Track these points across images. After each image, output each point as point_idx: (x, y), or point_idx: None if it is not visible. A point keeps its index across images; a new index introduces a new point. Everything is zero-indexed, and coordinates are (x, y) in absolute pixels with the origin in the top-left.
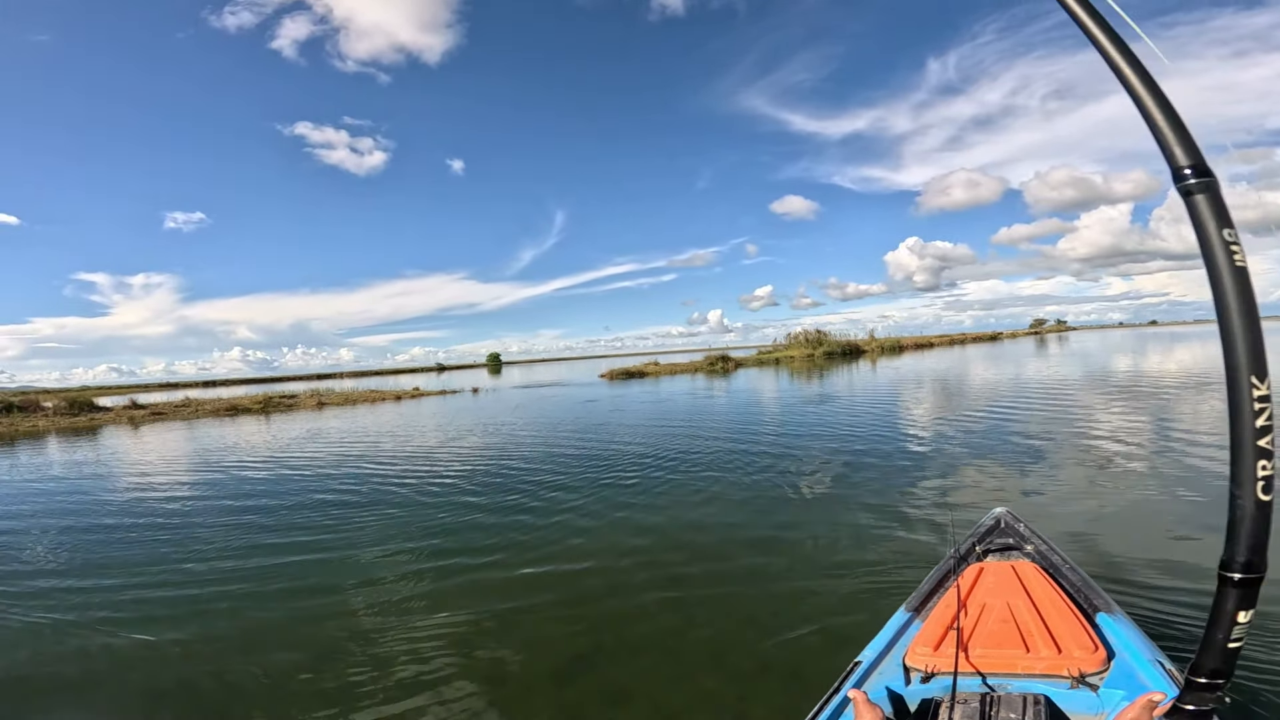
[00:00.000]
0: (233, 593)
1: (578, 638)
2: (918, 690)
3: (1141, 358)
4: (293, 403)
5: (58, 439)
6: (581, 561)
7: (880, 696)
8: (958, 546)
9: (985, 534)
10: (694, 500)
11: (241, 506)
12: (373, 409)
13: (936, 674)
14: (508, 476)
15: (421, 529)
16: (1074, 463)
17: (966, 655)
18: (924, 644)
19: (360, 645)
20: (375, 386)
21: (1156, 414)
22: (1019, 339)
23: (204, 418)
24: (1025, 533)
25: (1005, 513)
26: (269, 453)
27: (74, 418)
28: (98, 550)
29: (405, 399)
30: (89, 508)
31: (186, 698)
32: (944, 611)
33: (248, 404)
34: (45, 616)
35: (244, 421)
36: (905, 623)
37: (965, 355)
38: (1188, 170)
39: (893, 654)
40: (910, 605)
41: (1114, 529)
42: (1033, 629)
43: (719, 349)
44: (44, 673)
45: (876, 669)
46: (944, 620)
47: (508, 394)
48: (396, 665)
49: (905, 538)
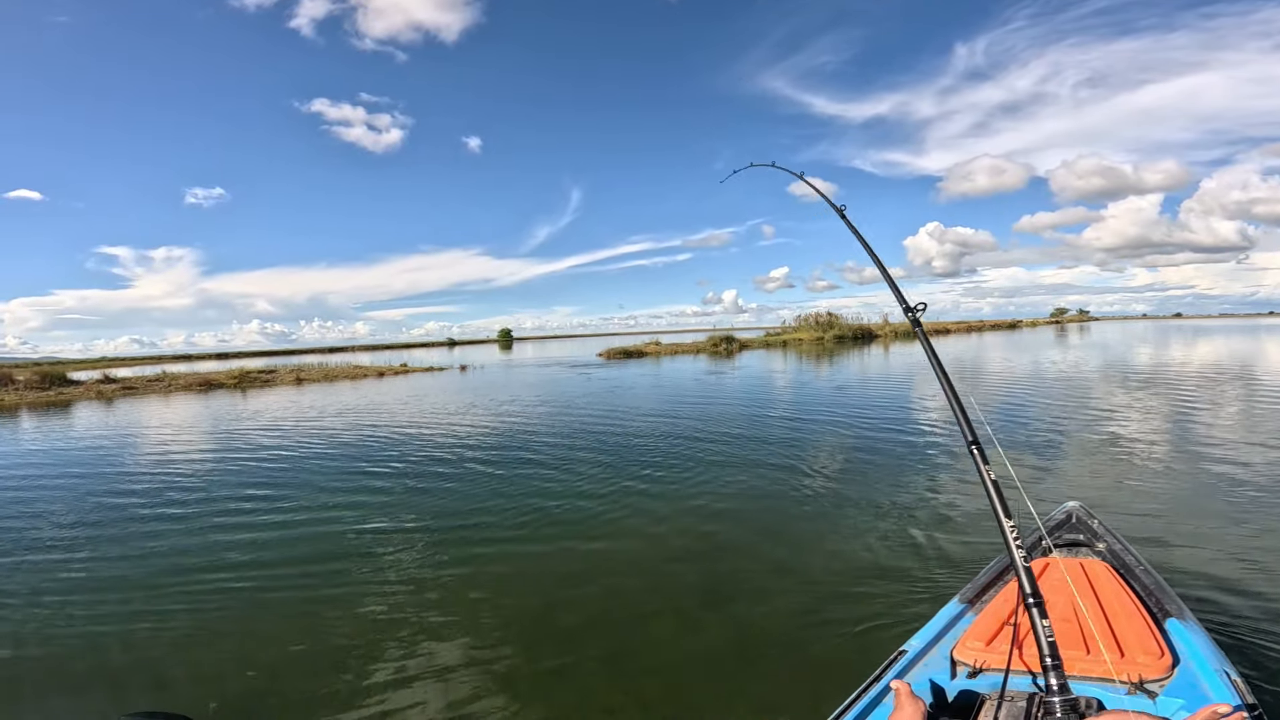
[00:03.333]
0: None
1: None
2: (963, 685)
3: (1190, 350)
4: (270, 379)
5: (28, 415)
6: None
7: (923, 688)
8: (1022, 539)
9: (1054, 528)
10: (714, 493)
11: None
12: (355, 386)
13: (986, 670)
14: (439, 458)
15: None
16: (1149, 458)
17: (1020, 653)
18: (976, 638)
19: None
20: (387, 360)
21: (1235, 411)
22: (1039, 328)
23: (177, 393)
24: (1099, 529)
25: (1078, 507)
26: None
27: (44, 392)
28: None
29: (389, 375)
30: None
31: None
32: (1001, 605)
33: (223, 379)
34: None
35: (215, 398)
36: (957, 615)
37: (985, 343)
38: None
39: (940, 646)
40: (964, 597)
41: (1197, 531)
42: (1096, 630)
43: (733, 329)
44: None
45: (922, 660)
46: (1000, 615)
47: (495, 372)
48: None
49: (956, 527)
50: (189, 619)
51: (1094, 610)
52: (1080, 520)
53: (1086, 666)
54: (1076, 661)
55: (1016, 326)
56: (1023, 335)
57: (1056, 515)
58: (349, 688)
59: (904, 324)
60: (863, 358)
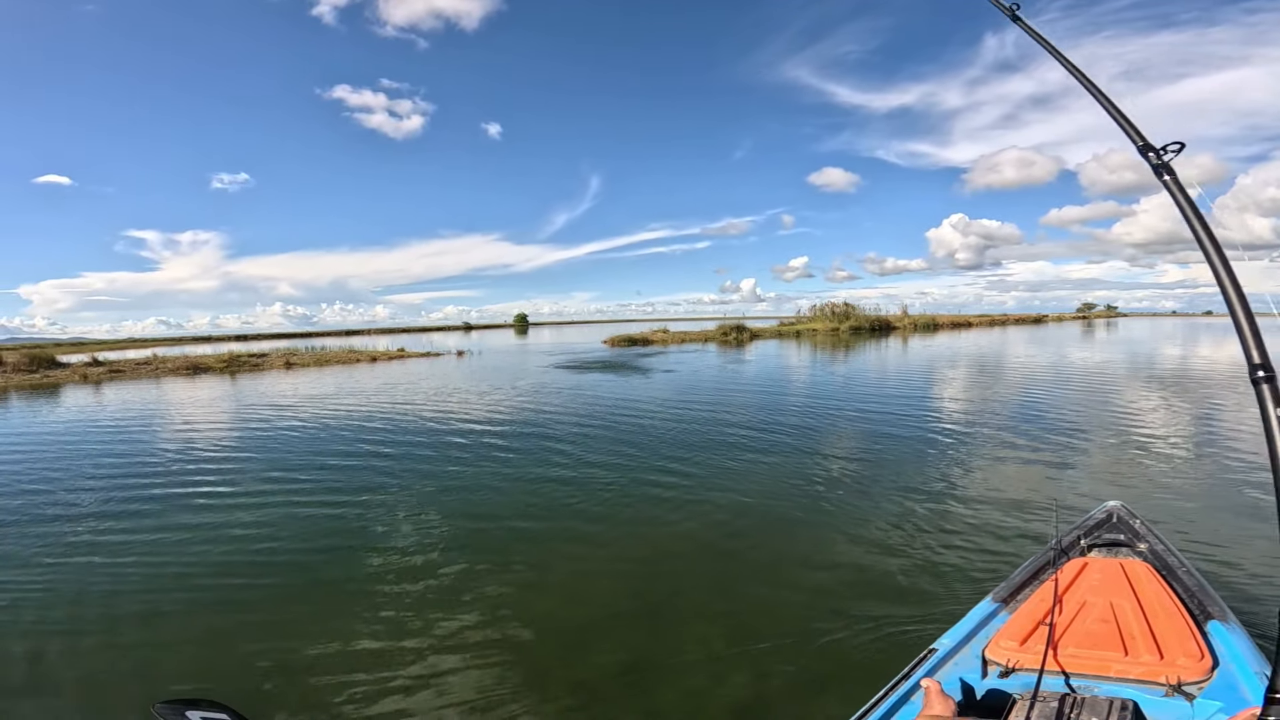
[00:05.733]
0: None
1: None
2: (994, 684)
3: (1228, 349)
4: (260, 362)
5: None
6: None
7: (952, 687)
8: (1059, 538)
9: (1094, 527)
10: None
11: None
12: (348, 370)
13: (1018, 669)
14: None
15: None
16: (1198, 459)
17: (1055, 653)
18: (1009, 637)
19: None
20: (404, 344)
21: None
22: (1064, 323)
23: (165, 376)
24: (1140, 529)
25: (1119, 506)
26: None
27: (30, 374)
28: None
29: (382, 360)
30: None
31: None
32: (1036, 605)
33: (212, 363)
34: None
35: (202, 381)
36: (990, 613)
37: (1010, 337)
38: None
39: (972, 644)
40: (998, 596)
41: (1244, 533)
42: (1135, 632)
43: (751, 318)
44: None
45: (953, 658)
46: (1035, 614)
47: (491, 358)
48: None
49: (989, 525)
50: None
51: (1133, 611)
52: (1121, 520)
53: (1123, 668)
54: (1113, 663)
55: (1041, 321)
56: (1049, 330)
57: (1096, 515)
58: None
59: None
60: (879, 350)
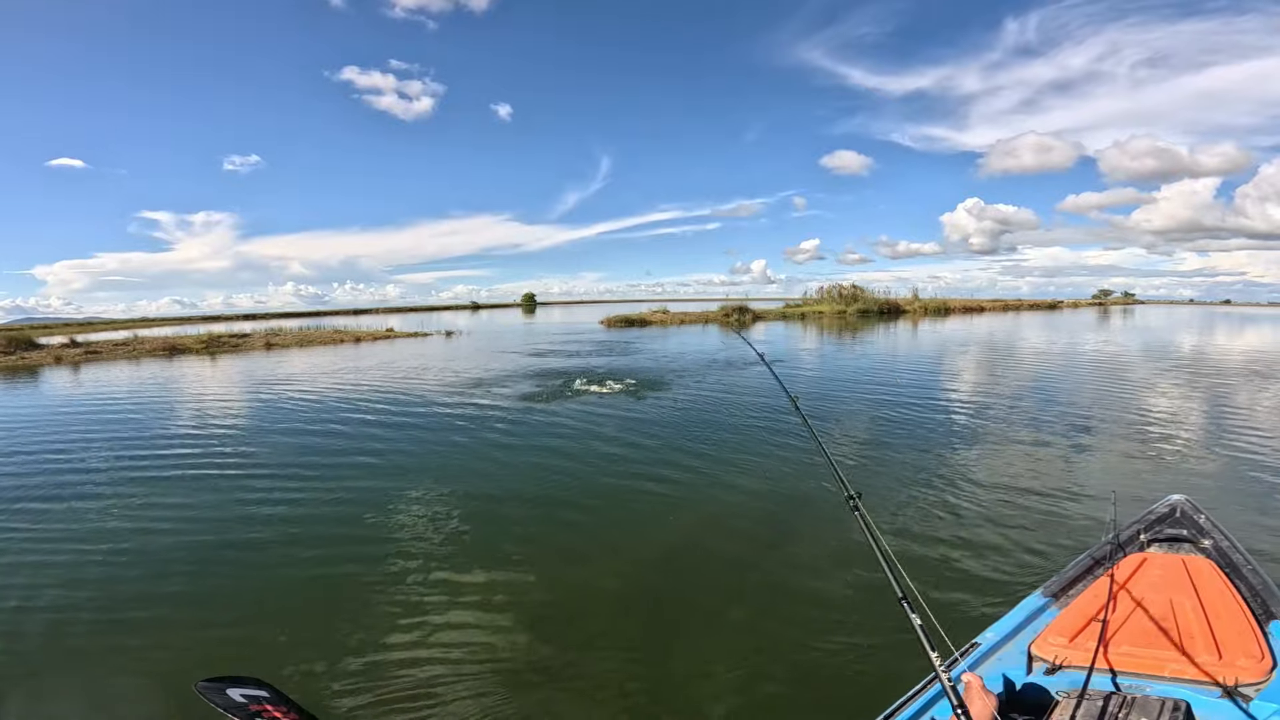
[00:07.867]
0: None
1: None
2: (1039, 681)
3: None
4: (240, 343)
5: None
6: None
7: (995, 682)
8: (1117, 532)
9: (1154, 522)
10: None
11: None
12: (332, 350)
13: (1066, 666)
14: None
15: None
16: (1271, 452)
17: (1106, 651)
18: (1058, 633)
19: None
20: (413, 323)
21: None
22: (1080, 309)
23: (142, 358)
24: (1205, 525)
25: (1183, 501)
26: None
27: (7, 356)
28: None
29: (366, 340)
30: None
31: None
32: (1090, 601)
33: (189, 344)
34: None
35: (178, 363)
36: (1040, 608)
37: (1025, 322)
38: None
39: (1018, 639)
40: (1048, 590)
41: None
42: (1195, 631)
43: (761, 299)
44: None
45: (996, 653)
46: (1087, 611)
47: (481, 339)
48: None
49: (1036, 517)
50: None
51: (1193, 609)
52: (1185, 515)
53: (1178, 668)
54: (1168, 662)
55: (1057, 307)
56: (1064, 316)
57: (1159, 509)
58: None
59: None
60: (888, 334)
